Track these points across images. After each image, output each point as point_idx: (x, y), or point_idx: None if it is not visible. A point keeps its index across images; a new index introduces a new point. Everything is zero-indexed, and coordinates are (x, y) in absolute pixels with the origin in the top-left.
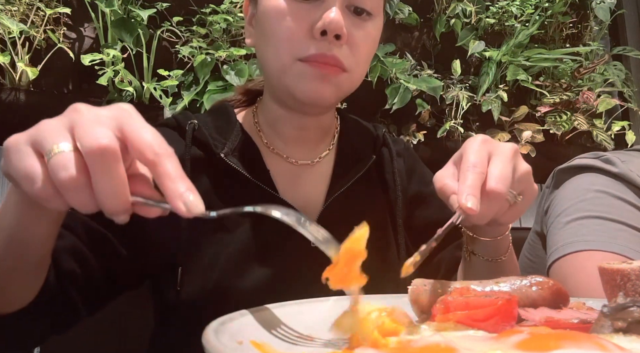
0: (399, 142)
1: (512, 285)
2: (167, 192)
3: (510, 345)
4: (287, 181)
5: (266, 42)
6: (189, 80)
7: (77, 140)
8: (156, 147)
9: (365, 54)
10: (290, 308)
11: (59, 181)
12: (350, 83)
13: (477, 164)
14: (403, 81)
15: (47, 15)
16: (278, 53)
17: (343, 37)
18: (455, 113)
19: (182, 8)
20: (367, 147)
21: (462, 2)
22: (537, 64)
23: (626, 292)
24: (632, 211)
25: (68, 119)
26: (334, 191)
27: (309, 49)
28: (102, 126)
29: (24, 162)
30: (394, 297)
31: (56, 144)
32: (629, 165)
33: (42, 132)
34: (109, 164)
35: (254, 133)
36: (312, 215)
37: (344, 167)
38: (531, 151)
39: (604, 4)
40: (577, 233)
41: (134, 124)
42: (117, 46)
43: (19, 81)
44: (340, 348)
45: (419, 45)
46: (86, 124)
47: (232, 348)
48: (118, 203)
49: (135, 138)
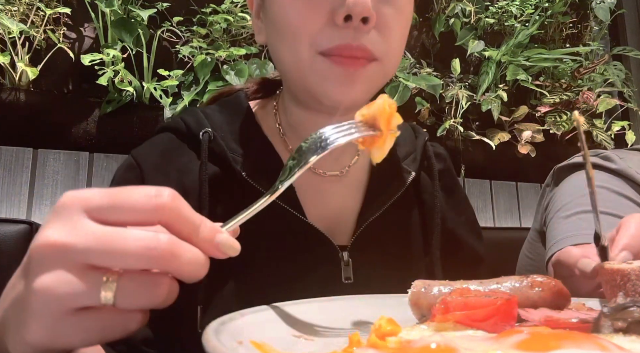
0: (440, 158)
1: (512, 286)
2: (199, 245)
3: (510, 345)
4: (314, 198)
5: (279, 35)
6: (189, 80)
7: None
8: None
9: (399, 36)
10: (290, 308)
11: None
12: (384, 74)
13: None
14: (402, 79)
15: (47, 15)
16: (295, 47)
17: (371, 20)
18: (454, 112)
19: (182, 8)
20: (406, 155)
21: (461, 1)
22: (537, 64)
23: (626, 292)
24: (630, 206)
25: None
26: (368, 213)
27: (331, 40)
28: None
29: None
30: (394, 297)
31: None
32: (628, 162)
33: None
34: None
35: (276, 137)
36: (343, 239)
37: (379, 180)
38: (531, 151)
39: (604, 4)
40: (577, 227)
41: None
42: (117, 46)
43: (19, 81)
44: (340, 348)
45: (418, 44)
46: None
47: (232, 348)
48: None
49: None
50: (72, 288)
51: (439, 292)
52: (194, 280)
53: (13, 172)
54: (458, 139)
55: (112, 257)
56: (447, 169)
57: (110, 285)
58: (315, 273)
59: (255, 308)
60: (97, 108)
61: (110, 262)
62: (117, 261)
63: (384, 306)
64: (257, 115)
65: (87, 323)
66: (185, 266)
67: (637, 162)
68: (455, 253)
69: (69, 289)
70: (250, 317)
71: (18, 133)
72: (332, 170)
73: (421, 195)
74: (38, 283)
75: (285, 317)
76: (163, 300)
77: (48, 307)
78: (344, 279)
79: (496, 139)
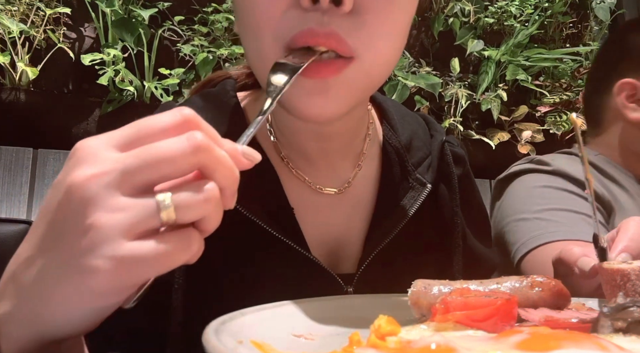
0: (460, 162)
1: (512, 286)
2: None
3: (510, 345)
4: (314, 220)
5: (243, 28)
6: (190, 79)
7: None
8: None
9: (386, 26)
10: (290, 308)
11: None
12: (365, 75)
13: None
14: (401, 78)
15: (47, 15)
16: (258, 44)
17: (346, 2)
18: (454, 111)
19: (183, 7)
20: (420, 161)
21: (460, 1)
22: (537, 63)
23: (626, 292)
24: (576, 199)
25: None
26: (376, 237)
27: (294, 25)
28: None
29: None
30: (394, 297)
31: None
32: (559, 162)
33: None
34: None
35: (266, 142)
36: (348, 266)
37: (387, 196)
38: (531, 151)
39: (604, 4)
40: (538, 227)
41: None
42: (118, 46)
43: (19, 81)
44: (340, 348)
45: (417, 44)
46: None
47: (232, 348)
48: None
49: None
50: (130, 214)
51: (439, 291)
52: (228, 188)
53: (13, 172)
54: (458, 138)
55: (156, 167)
56: (466, 174)
57: (166, 201)
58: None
59: (256, 307)
60: (97, 108)
61: (156, 173)
62: (162, 170)
63: (384, 306)
64: (246, 110)
65: (153, 248)
66: (222, 163)
67: (565, 163)
68: (474, 268)
69: (128, 216)
70: (251, 317)
71: (18, 133)
72: (330, 186)
73: (440, 212)
74: (92, 220)
75: (285, 317)
76: (215, 206)
77: (111, 242)
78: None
79: (496, 139)
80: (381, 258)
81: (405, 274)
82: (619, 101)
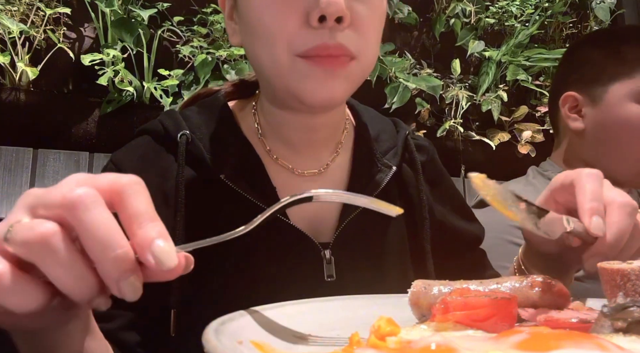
0: (423, 150)
1: (512, 286)
2: (135, 239)
3: (510, 345)
4: None
5: (255, 38)
6: (189, 80)
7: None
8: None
9: (373, 33)
10: (290, 308)
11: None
12: (361, 71)
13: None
14: (402, 80)
15: (47, 15)
16: (272, 51)
17: (345, 19)
18: (455, 112)
19: (182, 8)
20: (387, 150)
21: (461, 2)
22: (537, 64)
23: (626, 292)
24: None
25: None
26: (349, 210)
27: (307, 42)
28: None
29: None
30: (394, 297)
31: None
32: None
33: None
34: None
35: (254, 139)
36: (325, 237)
37: (359, 177)
38: (531, 151)
39: (604, 4)
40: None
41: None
42: (117, 46)
43: (19, 81)
44: (340, 348)
45: (418, 45)
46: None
47: (232, 348)
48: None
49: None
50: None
51: (438, 291)
52: (101, 257)
53: (13, 172)
54: (458, 140)
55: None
56: (431, 160)
57: (12, 227)
58: (297, 272)
59: (256, 308)
60: (97, 108)
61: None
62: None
63: (384, 306)
64: (236, 116)
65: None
66: (89, 229)
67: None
68: (450, 241)
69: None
70: (250, 317)
71: (18, 133)
72: (311, 169)
73: (405, 189)
74: None
75: (285, 317)
76: (53, 252)
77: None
78: (327, 277)
79: (496, 139)
80: (354, 229)
81: (375, 240)
82: (564, 112)
